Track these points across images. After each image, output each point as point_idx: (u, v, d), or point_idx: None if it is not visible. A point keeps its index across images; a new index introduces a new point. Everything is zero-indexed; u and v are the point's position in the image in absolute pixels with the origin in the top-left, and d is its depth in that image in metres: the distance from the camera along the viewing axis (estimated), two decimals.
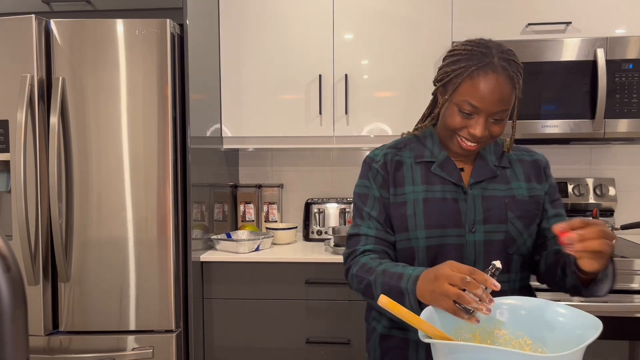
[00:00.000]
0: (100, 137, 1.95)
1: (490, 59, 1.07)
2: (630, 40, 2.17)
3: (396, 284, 1.01)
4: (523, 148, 1.26)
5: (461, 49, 1.11)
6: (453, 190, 1.15)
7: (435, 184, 1.16)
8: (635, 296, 1.97)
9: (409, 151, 1.22)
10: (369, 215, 1.18)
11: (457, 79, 1.09)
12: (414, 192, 1.16)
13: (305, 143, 2.45)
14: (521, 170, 1.20)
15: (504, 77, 1.06)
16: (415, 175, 1.18)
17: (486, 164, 1.18)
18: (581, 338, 0.80)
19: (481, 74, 1.06)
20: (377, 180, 1.20)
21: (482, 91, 1.05)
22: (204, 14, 2.26)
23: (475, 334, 0.91)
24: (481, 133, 1.08)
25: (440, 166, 1.17)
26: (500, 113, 1.07)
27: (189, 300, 2.08)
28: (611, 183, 2.54)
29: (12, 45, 1.91)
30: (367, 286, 1.08)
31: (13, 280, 0.46)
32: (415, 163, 1.19)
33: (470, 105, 1.07)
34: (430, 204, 1.14)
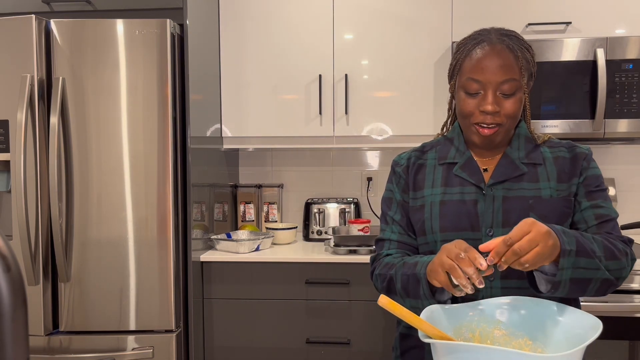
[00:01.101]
0: (100, 137, 1.95)
1: (485, 36, 1.09)
2: (630, 40, 2.17)
3: (412, 271, 1.02)
4: (564, 143, 1.17)
5: (463, 40, 1.14)
6: (473, 192, 1.11)
7: (454, 185, 1.13)
8: (635, 296, 1.97)
9: (435, 152, 1.20)
10: (392, 220, 1.19)
11: (458, 62, 1.10)
12: (432, 195, 1.14)
13: (305, 143, 2.45)
14: (555, 168, 1.12)
15: (501, 46, 1.06)
16: (436, 177, 1.17)
17: (511, 162, 1.12)
18: (581, 338, 0.80)
19: (478, 48, 1.07)
20: (399, 184, 1.20)
21: (480, 63, 1.05)
22: (204, 14, 2.26)
23: (475, 334, 0.91)
24: (492, 107, 1.05)
25: (462, 167, 1.14)
26: (506, 84, 1.05)
27: (189, 300, 2.08)
28: (611, 183, 2.54)
29: (12, 45, 1.91)
30: (389, 282, 1.09)
31: (13, 280, 0.46)
32: (438, 165, 1.18)
33: (473, 81, 1.06)
34: (447, 206, 1.12)
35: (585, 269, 0.94)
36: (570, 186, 1.11)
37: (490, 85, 1.05)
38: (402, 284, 1.04)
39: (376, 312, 2.15)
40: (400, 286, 1.05)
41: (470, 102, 1.08)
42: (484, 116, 1.07)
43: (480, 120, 1.08)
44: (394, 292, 1.08)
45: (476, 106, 1.07)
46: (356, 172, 2.77)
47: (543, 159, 1.13)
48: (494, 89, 1.05)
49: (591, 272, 0.95)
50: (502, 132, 1.09)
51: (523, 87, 1.08)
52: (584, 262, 0.94)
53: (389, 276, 1.09)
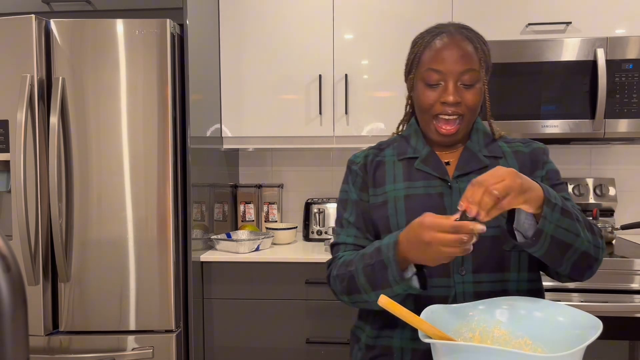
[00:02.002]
0: (100, 137, 1.95)
1: (444, 28, 1.08)
2: (630, 40, 2.17)
3: (377, 259, 0.97)
4: (520, 139, 1.18)
5: (420, 34, 1.13)
6: (438, 185, 1.09)
7: (417, 179, 1.10)
8: (635, 296, 1.97)
9: (392, 149, 1.17)
10: (347, 222, 1.14)
11: (417, 55, 1.09)
12: (395, 190, 1.10)
13: (305, 143, 2.45)
14: (516, 162, 1.11)
15: (460, 37, 1.06)
16: (397, 172, 1.13)
17: (473, 155, 1.11)
18: (581, 338, 0.80)
19: (436, 39, 1.06)
20: (356, 183, 1.16)
21: (441, 53, 1.04)
22: (204, 14, 2.26)
23: (475, 334, 0.91)
24: (454, 98, 1.03)
25: (424, 161, 1.11)
26: (466, 74, 1.04)
27: (189, 300, 2.08)
28: (611, 183, 2.54)
29: (12, 45, 1.91)
30: (350, 280, 1.03)
31: (13, 280, 0.46)
32: (397, 161, 1.14)
33: (433, 72, 1.04)
34: (412, 200, 1.08)
35: (567, 230, 0.91)
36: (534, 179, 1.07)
37: (451, 75, 1.04)
38: (366, 277, 0.99)
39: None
40: (365, 280, 0.99)
41: (430, 94, 1.06)
42: (444, 108, 1.05)
43: (441, 111, 1.05)
44: (356, 290, 1.03)
45: (437, 98, 1.05)
46: None
47: (503, 152, 1.12)
48: (454, 79, 1.04)
49: (572, 237, 0.92)
50: (463, 127, 1.07)
51: (482, 78, 1.07)
52: (567, 223, 0.91)
53: (348, 274, 1.04)
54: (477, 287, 1.04)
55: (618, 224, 2.41)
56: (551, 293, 1.99)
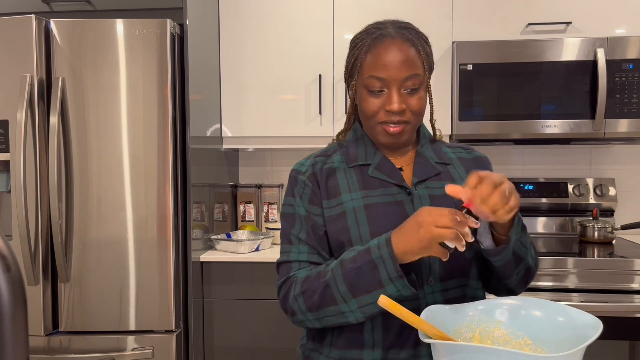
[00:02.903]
0: (100, 137, 1.95)
1: (383, 30, 1.02)
2: (630, 40, 2.17)
3: (365, 260, 0.91)
4: (459, 145, 1.16)
5: (357, 35, 1.07)
6: (396, 193, 1.04)
7: (374, 188, 1.04)
8: (635, 296, 1.97)
9: (340, 155, 1.09)
10: (297, 239, 1.04)
11: (357, 60, 1.03)
12: (352, 200, 1.03)
13: (305, 143, 2.45)
14: (463, 169, 1.10)
15: (401, 40, 1.00)
16: (350, 181, 1.05)
17: (426, 161, 1.08)
18: (581, 338, 0.80)
19: (377, 44, 1.00)
20: (304, 196, 1.06)
21: (382, 59, 0.99)
22: (204, 14, 2.26)
23: (475, 334, 0.91)
24: (398, 106, 0.99)
25: (378, 168, 1.06)
26: (410, 80, 0.99)
27: (189, 300, 2.08)
28: (611, 183, 2.54)
29: (12, 45, 1.91)
30: (324, 291, 0.95)
31: (13, 280, 0.46)
32: (348, 168, 1.07)
33: (376, 79, 0.99)
34: (373, 210, 1.02)
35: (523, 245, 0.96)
36: None
37: (395, 82, 0.99)
38: (349, 282, 0.92)
39: None
40: (346, 286, 0.92)
41: (373, 102, 1.01)
42: (389, 115, 1.01)
43: (385, 119, 1.01)
44: (331, 301, 0.94)
45: (380, 105, 1.01)
46: None
47: (449, 158, 1.11)
48: (398, 86, 0.99)
49: (525, 251, 0.97)
50: (408, 130, 1.04)
51: (426, 81, 1.04)
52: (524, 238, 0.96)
53: (321, 285, 0.95)
54: (445, 295, 1.02)
55: (618, 224, 2.41)
56: (551, 293, 1.99)
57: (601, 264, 2.00)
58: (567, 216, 2.55)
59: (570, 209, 2.54)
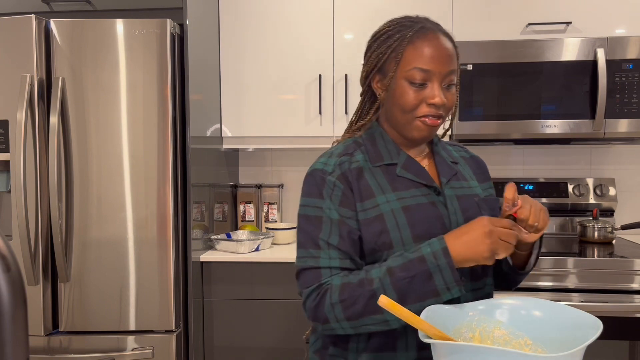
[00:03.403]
0: (100, 137, 1.95)
1: (422, 24, 1.02)
2: (630, 40, 2.17)
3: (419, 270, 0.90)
4: (456, 144, 1.17)
5: (386, 28, 1.05)
6: (426, 194, 1.02)
7: (405, 188, 1.01)
8: (635, 296, 1.97)
9: (363, 154, 1.05)
10: (327, 244, 0.98)
11: (397, 51, 1.00)
12: (388, 202, 0.99)
13: (305, 143, 2.45)
14: (469, 168, 1.12)
15: (442, 35, 1.01)
16: (380, 182, 1.01)
17: (444, 160, 1.08)
18: (581, 338, 0.80)
19: (421, 36, 0.99)
20: (334, 198, 0.99)
21: (428, 51, 0.98)
22: (204, 13, 2.26)
23: (475, 334, 0.91)
24: (441, 99, 0.98)
25: (405, 167, 1.03)
26: (450, 75, 0.99)
27: (189, 300, 2.08)
28: (611, 183, 2.54)
29: (12, 45, 1.91)
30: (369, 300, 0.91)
31: (13, 280, 0.46)
32: (373, 167, 1.03)
33: (421, 72, 0.97)
34: (412, 212, 0.99)
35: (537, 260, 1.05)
36: (488, 188, 1.15)
37: (438, 75, 0.98)
38: (400, 292, 0.90)
39: None
40: (397, 296, 0.90)
41: (414, 94, 0.98)
42: (429, 109, 0.99)
43: (426, 112, 0.99)
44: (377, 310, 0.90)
45: (422, 98, 0.99)
46: None
47: (456, 157, 1.12)
48: (440, 79, 0.99)
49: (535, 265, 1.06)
50: (439, 125, 1.03)
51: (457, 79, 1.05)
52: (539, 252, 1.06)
53: (367, 294, 0.91)
54: (475, 294, 1.05)
55: (618, 224, 2.41)
56: (551, 293, 1.99)
57: (601, 264, 2.00)
58: (567, 216, 2.55)
59: (570, 209, 2.54)
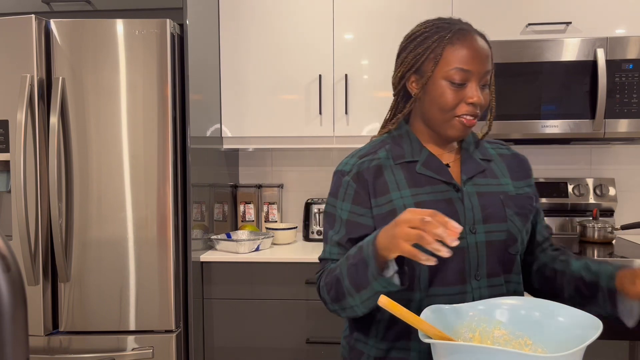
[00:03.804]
0: (100, 137, 1.95)
1: (458, 25, 1.05)
2: (630, 40, 2.17)
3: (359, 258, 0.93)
4: (497, 141, 1.19)
5: (422, 29, 1.07)
6: (445, 190, 1.05)
7: (422, 185, 1.05)
8: None
9: (386, 152, 1.10)
10: (332, 240, 1.09)
11: (435, 52, 1.03)
12: (402, 198, 1.04)
13: (305, 143, 2.45)
14: (504, 165, 1.13)
15: (479, 36, 1.04)
16: (398, 179, 1.06)
17: (471, 157, 1.10)
18: (581, 338, 0.80)
19: (460, 37, 1.02)
20: (347, 198, 1.08)
21: (467, 52, 1.01)
22: (204, 13, 2.26)
23: (475, 334, 0.91)
24: (480, 98, 1.01)
25: (425, 165, 1.07)
26: (487, 75, 1.03)
27: (189, 300, 2.08)
28: (611, 183, 2.54)
29: (12, 45, 1.91)
30: (336, 284, 0.98)
31: (13, 280, 0.46)
32: (395, 165, 1.08)
33: (461, 71, 1.01)
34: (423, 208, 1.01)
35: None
36: (525, 187, 1.13)
37: (477, 75, 1.02)
38: (350, 279, 0.95)
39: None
40: (349, 282, 0.95)
41: (453, 94, 1.02)
42: (468, 108, 1.03)
43: (465, 112, 1.03)
44: (342, 294, 0.97)
45: (461, 98, 1.02)
46: None
47: (490, 155, 1.14)
48: (478, 79, 1.02)
49: None
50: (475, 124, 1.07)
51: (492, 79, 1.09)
52: None
53: (334, 279, 0.99)
54: (491, 291, 1.04)
55: (618, 224, 2.41)
56: None
57: None
58: (567, 216, 2.55)
59: (570, 209, 2.54)
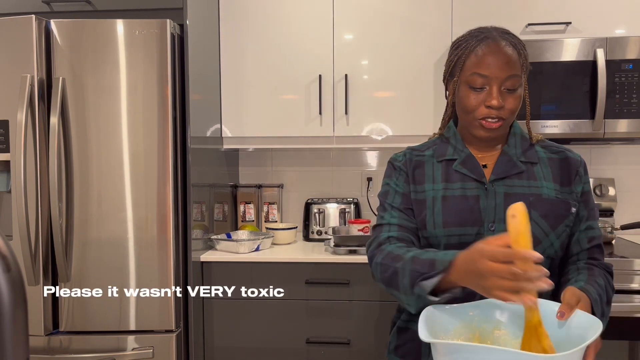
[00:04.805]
0: (100, 137, 1.95)
1: (487, 33, 1.13)
2: (630, 40, 2.17)
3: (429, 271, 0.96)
4: (557, 145, 1.21)
5: (460, 37, 1.18)
6: (475, 187, 1.13)
7: (455, 181, 1.15)
8: (635, 296, 1.97)
9: (432, 151, 1.22)
10: (390, 206, 1.18)
11: (461, 58, 1.13)
12: (433, 190, 1.15)
13: (305, 143, 2.45)
14: (549, 170, 1.15)
15: (505, 43, 1.10)
16: (435, 173, 1.18)
17: (510, 159, 1.15)
18: (581, 338, 0.80)
19: (483, 44, 1.10)
20: (400, 178, 1.20)
21: (486, 58, 1.08)
22: (204, 14, 2.26)
23: (475, 334, 0.91)
24: (498, 102, 1.08)
25: (462, 163, 1.16)
26: (510, 80, 1.08)
27: (189, 300, 2.08)
28: (611, 183, 2.54)
29: (12, 45, 1.91)
30: (393, 274, 1.04)
31: (13, 280, 0.46)
32: (437, 162, 1.19)
33: (479, 76, 1.09)
34: (449, 201, 1.12)
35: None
36: (571, 191, 1.14)
37: (496, 80, 1.08)
38: (412, 280, 0.98)
39: (376, 312, 2.15)
40: (409, 282, 0.99)
41: (475, 97, 1.10)
42: (488, 111, 1.09)
43: (485, 114, 1.10)
44: (396, 286, 1.03)
45: (481, 101, 1.10)
46: (356, 172, 2.77)
47: (538, 158, 1.17)
48: (498, 84, 1.08)
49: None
50: (503, 126, 1.13)
51: (524, 83, 1.14)
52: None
53: (393, 269, 1.04)
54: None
55: (618, 224, 2.41)
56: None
57: None
58: None
59: None
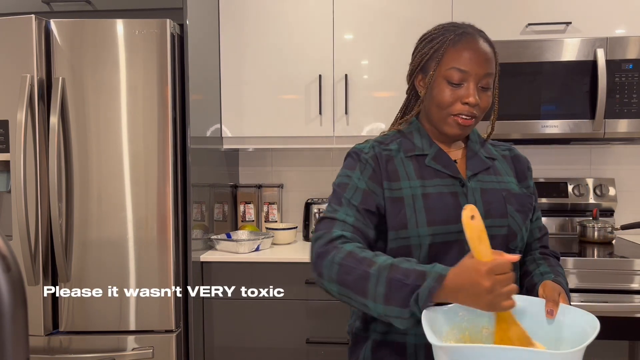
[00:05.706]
0: (100, 137, 1.95)
1: (464, 28, 1.10)
2: (630, 40, 2.17)
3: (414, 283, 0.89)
4: (500, 143, 1.24)
5: (432, 31, 1.14)
6: (450, 184, 1.09)
7: (430, 178, 1.09)
8: (635, 296, 1.97)
9: (397, 145, 1.14)
10: (348, 202, 1.07)
11: (438, 52, 1.09)
12: (411, 188, 1.08)
13: (305, 143, 2.45)
14: (506, 165, 1.18)
15: (483, 40, 1.09)
16: (407, 169, 1.10)
17: (476, 155, 1.15)
18: (581, 338, 0.80)
19: (462, 39, 1.08)
20: (365, 172, 1.10)
21: (467, 53, 1.06)
22: (204, 14, 2.26)
23: (465, 334, 0.91)
24: (475, 99, 1.05)
25: (434, 159, 1.12)
26: (487, 77, 1.07)
27: (189, 300, 2.08)
28: (611, 183, 2.54)
29: (12, 45, 1.91)
30: (361, 279, 0.93)
31: (13, 280, 0.46)
32: (405, 157, 1.12)
33: (458, 72, 1.06)
34: (431, 199, 1.07)
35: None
36: (527, 186, 1.18)
37: (475, 76, 1.06)
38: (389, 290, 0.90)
39: None
40: (384, 290, 0.91)
41: (451, 93, 1.07)
42: (463, 107, 1.07)
43: (460, 111, 1.07)
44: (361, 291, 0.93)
45: (457, 97, 1.07)
46: None
47: (494, 154, 1.18)
48: (476, 81, 1.06)
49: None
50: (474, 124, 1.11)
51: (495, 82, 1.13)
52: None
53: (360, 272, 0.93)
54: None
55: (618, 224, 2.41)
56: None
57: (601, 264, 2.00)
58: (567, 216, 2.55)
59: (570, 209, 2.54)
